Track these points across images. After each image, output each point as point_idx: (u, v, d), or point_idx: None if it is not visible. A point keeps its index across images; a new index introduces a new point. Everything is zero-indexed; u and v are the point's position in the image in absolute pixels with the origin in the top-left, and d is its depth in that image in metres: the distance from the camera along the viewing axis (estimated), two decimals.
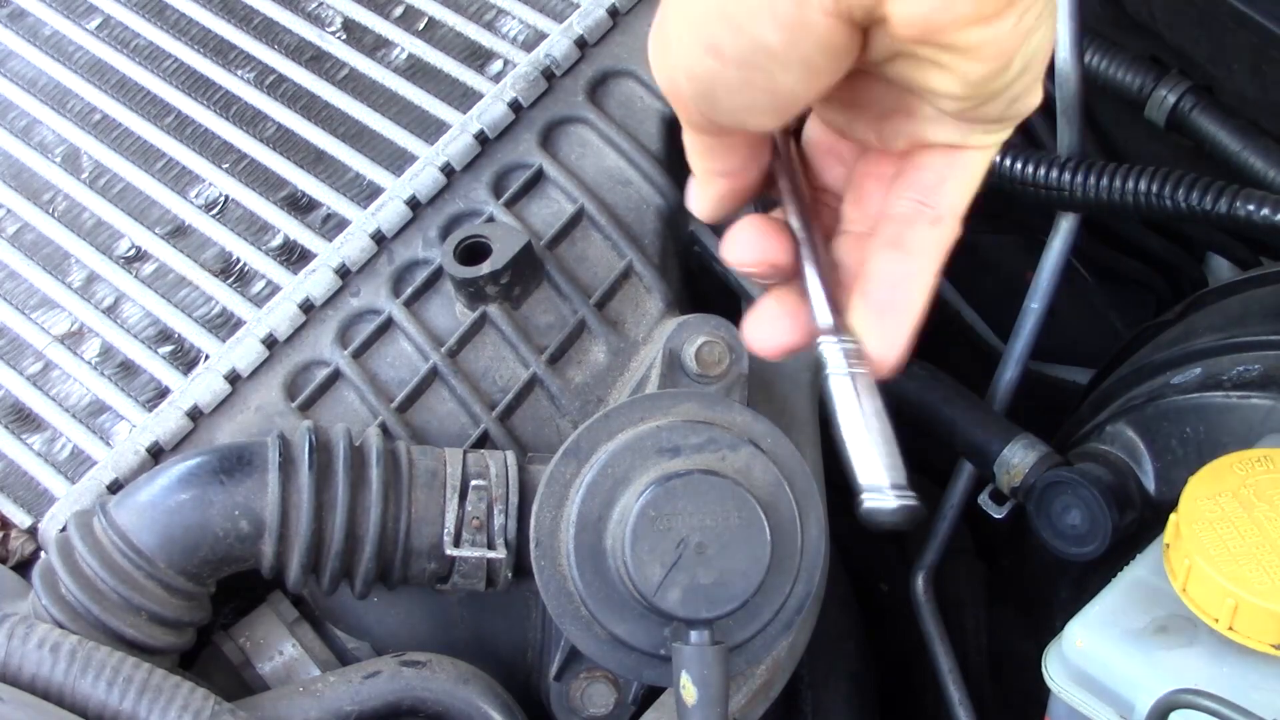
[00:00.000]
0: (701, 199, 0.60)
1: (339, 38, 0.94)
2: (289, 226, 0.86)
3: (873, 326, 0.58)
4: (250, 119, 0.91)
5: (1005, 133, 0.56)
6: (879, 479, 0.55)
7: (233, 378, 0.81)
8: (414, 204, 0.85)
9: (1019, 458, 1.00)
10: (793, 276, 0.59)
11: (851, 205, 0.60)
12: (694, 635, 0.68)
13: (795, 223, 0.59)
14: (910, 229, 0.57)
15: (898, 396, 1.07)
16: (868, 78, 0.54)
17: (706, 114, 0.54)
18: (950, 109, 0.54)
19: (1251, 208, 0.98)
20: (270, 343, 0.82)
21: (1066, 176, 1.04)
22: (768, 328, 0.59)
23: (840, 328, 0.57)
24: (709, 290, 0.90)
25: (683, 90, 0.53)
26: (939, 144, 0.56)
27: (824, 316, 0.57)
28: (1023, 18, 0.49)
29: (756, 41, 0.50)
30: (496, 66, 0.91)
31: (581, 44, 0.90)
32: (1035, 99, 0.54)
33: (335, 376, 0.81)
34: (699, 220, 0.88)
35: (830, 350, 0.57)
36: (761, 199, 0.61)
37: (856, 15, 0.49)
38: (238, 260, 0.86)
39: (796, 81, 0.51)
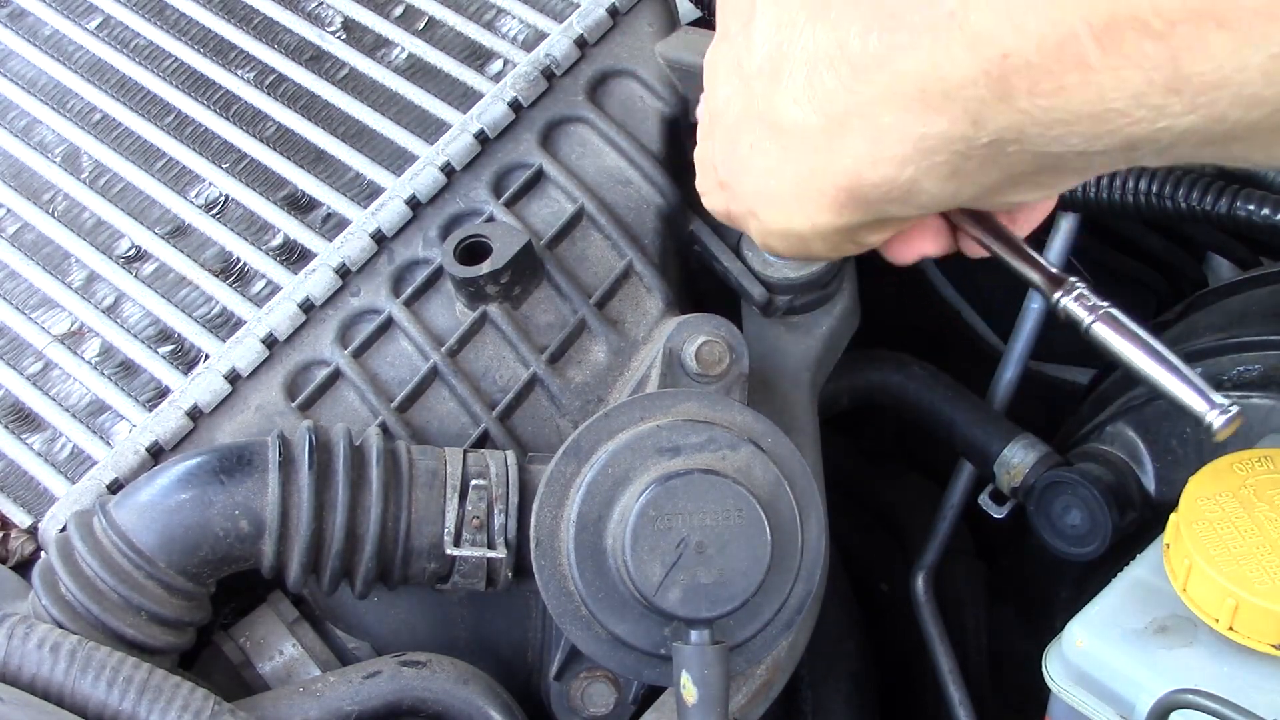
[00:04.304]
0: None
1: (339, 38, 0.94)
2: (289, 226, 0.86)
3: None
4: (250, 119, 0.91)
5: None
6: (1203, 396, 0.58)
7: (233, 377, 0.81)
8: (414, 203, 0.85)
9: (1019, 458, 1.00)
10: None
11: None
12: (694, 635, 0.68)
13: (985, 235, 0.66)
14: None
15: (897, 396, 1.07)
16: None
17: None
18: None
19: (1251, 208, 0.97)
20: (270, 342, 0.82)
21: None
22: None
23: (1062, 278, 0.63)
24: (709, 290, 0.90)
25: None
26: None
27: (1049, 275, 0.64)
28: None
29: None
30: (496, 66, 0.91)
31: (581, 44, 0.90)
32: None
33: (335, 376, 0.81)
34: (699, 220, 0.89)
35: (1076, 301, 0.62)
36: None
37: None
38: (238, 260, 0.86)
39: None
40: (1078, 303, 0.62)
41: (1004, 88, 0.48)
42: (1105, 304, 0.62)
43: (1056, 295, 0.63)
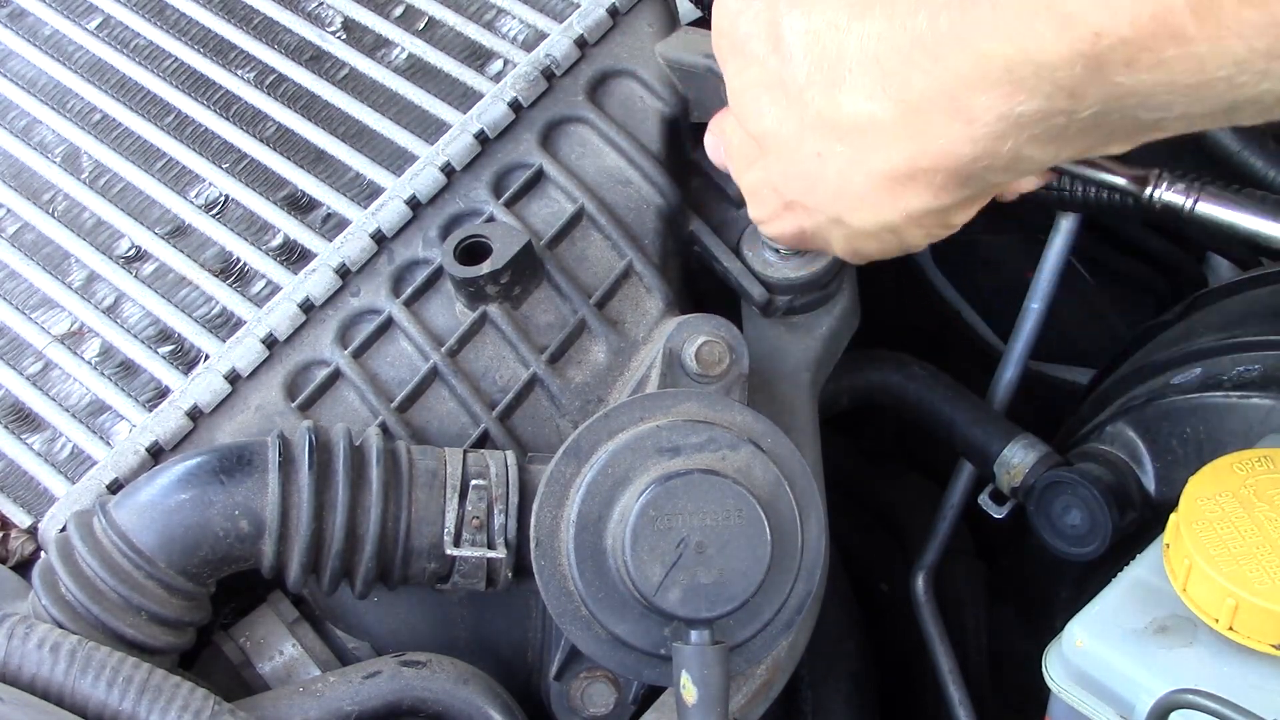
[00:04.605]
0: None
1: (339, 38, 0.94)
2: (289, 226, 0.86)
3: None
4: (250, 119, 0.91)
5: None
6: None
7: (233, 377, 0.81)
8: (414, 204, 0.85)
9: (1019, 458, 0.99)
10: None
11: None
12: (694, 635, 0.68)
13: None
14: None
15: (897, 396, 1.07)
16: None
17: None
18: None
19: None
20: (270, 342, 0.82)
21: (1066, 176, 1.04)
22: None
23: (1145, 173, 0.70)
24: (709, 290, 0.90)
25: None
26: None
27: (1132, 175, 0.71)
28: None
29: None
30: (496, 66, 0.91)
31: (581, 44, 0.90)
32: None
33: (335, 376, 0.81)
34: (699, 220, 0.89)
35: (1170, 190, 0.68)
36: None
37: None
38: (238, 260, 0.86)
39: None
40: (1172, 190, 0.62)
41: (1099, 64, 0.47)
42: (1198, 182, 0.62)
43: (1148, 190, 0.63)
